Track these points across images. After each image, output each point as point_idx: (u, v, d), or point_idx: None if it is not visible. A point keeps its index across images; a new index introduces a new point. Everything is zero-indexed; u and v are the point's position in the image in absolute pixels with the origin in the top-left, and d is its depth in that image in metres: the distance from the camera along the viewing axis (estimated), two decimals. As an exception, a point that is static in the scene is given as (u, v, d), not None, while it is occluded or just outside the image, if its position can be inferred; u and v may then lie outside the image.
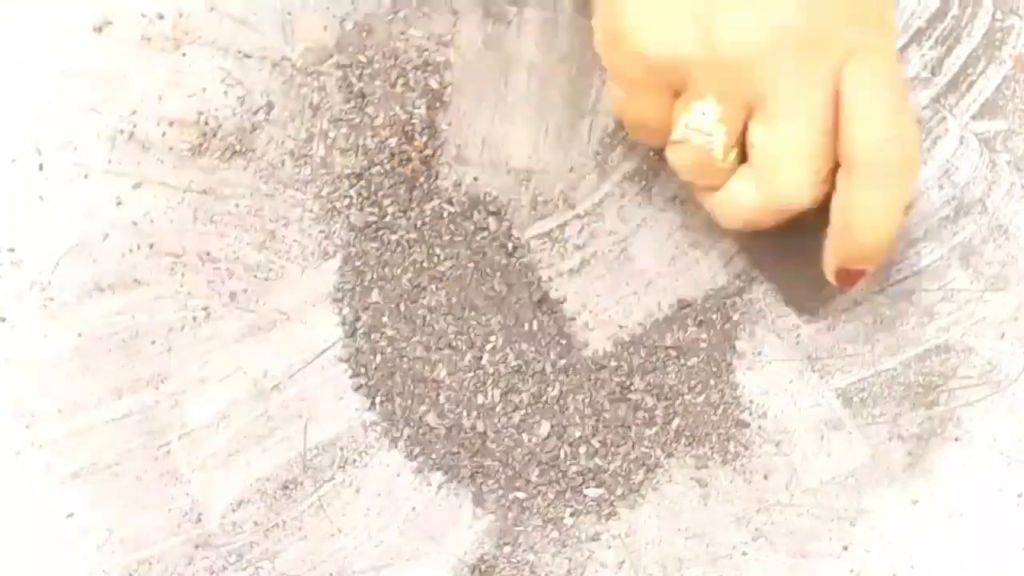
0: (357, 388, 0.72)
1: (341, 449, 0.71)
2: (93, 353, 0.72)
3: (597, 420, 0.71)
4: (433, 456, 0.71)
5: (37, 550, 0.70)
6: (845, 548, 0.69)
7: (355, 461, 0.71)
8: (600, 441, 0.71)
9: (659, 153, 0.75)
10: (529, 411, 0.71)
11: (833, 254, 0.68)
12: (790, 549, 0.69)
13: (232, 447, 0.71)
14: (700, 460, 0.71)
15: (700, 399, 0.71)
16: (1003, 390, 0.72)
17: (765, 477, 0.71)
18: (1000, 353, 0.72)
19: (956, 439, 0.71)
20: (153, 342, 0.73)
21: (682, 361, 0.72)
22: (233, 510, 0.70)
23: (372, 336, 0.72)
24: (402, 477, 0.71)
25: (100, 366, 0.72)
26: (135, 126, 0.76)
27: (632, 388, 0.71)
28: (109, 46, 0.77)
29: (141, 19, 0.77)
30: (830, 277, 0.69)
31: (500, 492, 0.71)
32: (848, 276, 0.68)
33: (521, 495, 0.71)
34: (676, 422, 0.71)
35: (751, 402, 0.72)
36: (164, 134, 0.76)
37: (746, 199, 0.67)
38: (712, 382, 0.72)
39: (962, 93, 0.76)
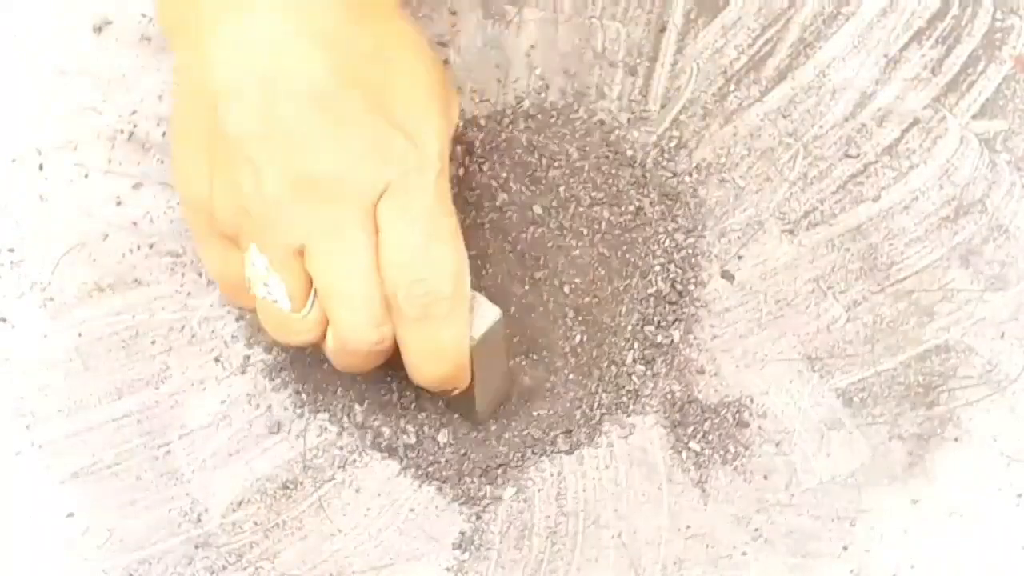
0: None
1: (341, 449, 0.71)
2: (93, 353, 0.72)
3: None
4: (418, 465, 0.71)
5: (37, 550, 0.70)
6: (845, 548, 0.69)
7: (355, 461, 0.71)
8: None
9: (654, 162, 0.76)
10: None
11: (414, 381, 0.67)
12: (790, 549, 0.69)
13: (232, 447, 0.71)
14: (700, 460, 0.71)
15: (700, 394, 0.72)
16: (1003, 390, 0.72)
17: (765, 477, 0.71)
18: (1000, 353, 0.72)
19: (956, 439, 0.71)
20: (153, 342, 0.73)
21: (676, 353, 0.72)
22: (233, 510, 0.70)
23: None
24: (402, 477, 0.71)
25: (100, 366, 0.72)
26: (135, 126, 0.76)
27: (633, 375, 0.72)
28: (109, 46, 0.77)
29: (141, 19, 0.77)
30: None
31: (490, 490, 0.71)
32: (446, 392, 0.68)
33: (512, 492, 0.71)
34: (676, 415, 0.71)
35: (751, 402, 0.72)
36: (164, 134, 0.76)
37: (329, 341, 0.65)
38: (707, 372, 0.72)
39: (962, 93, 0.76)
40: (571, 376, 0.72)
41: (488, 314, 0.67)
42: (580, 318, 0.72)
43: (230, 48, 0.63)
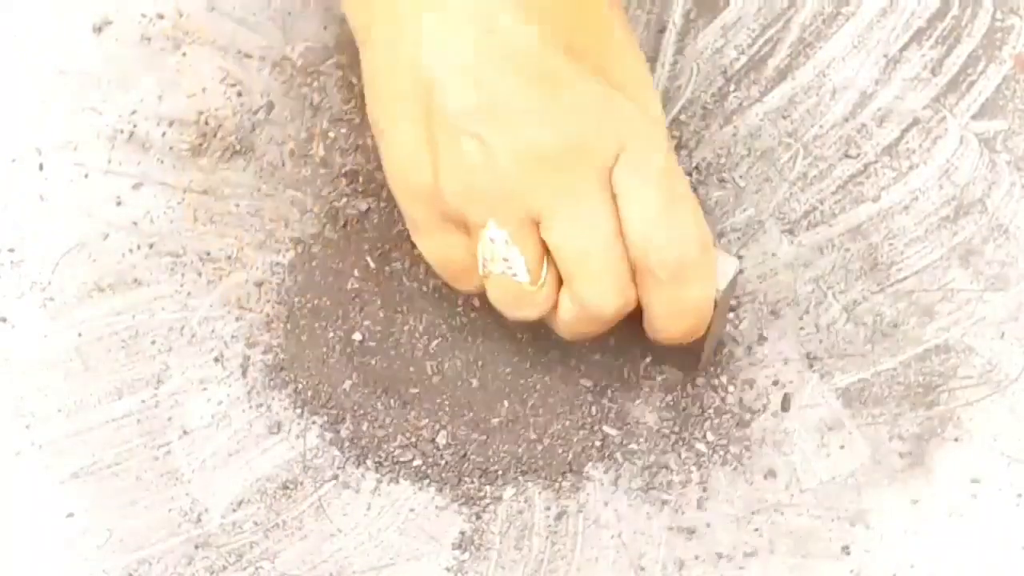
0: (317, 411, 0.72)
1: (341, 449, 0.71)
2: (93, 353, 0.72)
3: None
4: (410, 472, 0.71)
5: (37, 550, 0.70)
6: (845, 548, 0.69)
7: (355, 461, 0.71)
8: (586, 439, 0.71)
9: None
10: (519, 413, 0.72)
11: (647, 333, 0.67)
12: (790, 549, 0.69)
13: (232, 447, 0.71)
14: (700, 460, 0.71)
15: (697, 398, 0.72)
16: (1003, 390, 0.72)
17: (765, 477, 0.71)
18: (1000, 353, 0.72)
19: (956, 439, 0.71)
20: (153, 342, 0.73)
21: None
22: (233, 510, 0.70)
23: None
24: (402, 478, 0.71)
25: (100, 366, 0.72)
26: (135, 126, 0.76)
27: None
28: (109, 46, 0.77)
29: (141, 19, 0.77)
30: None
31: (489, 491, 0.71)
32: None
33: (511, 492, 0.71)
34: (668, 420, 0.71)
35: (752, 401, 0.72)
36: (164, 134, 0.76)
37: (565, 311, 0.65)
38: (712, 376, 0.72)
39: (962, 93, 0.76)
40: (582, 382, 0.72)
41: (728, 266, 0.66)
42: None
43: (439, 24, 0.62)
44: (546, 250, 0.64)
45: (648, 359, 0.72)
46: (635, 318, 0.66)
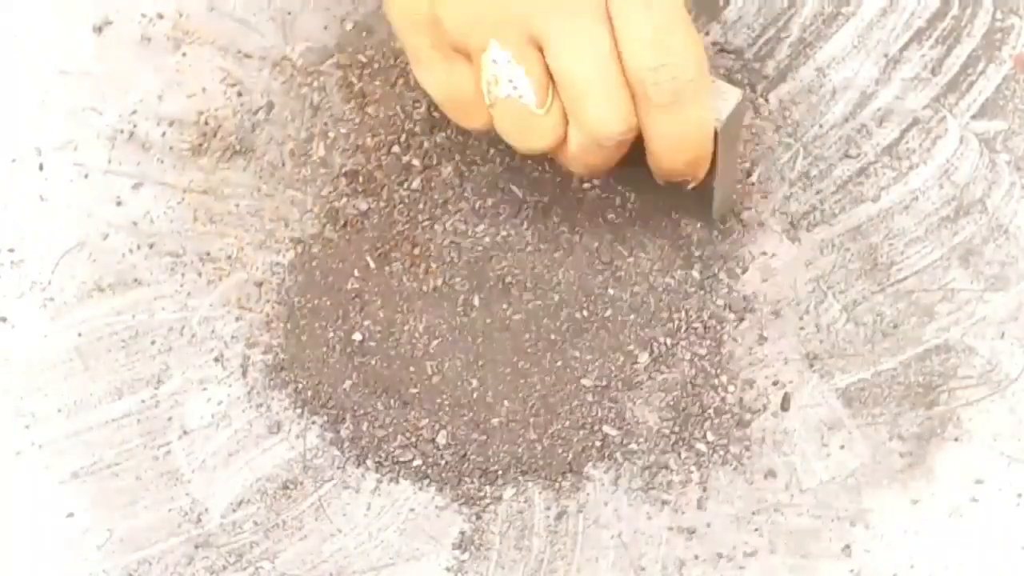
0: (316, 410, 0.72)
1: (341, 449, 0.71)
2: (93, 353, 0.72)
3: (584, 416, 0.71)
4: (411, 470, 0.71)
5: (37, 550, 0.70)
6: (845, 548, 0.69)
7: (355, 461, 0.71)
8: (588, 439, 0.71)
9: None
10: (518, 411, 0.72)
11: (652, 169, 0.67)
12: (790, 549, 0.69)
13: (232, 447, 0.71)
14: (700, 460, 0.71)
15: (698, 394, 0.72)
16: (1003, 390, 0.72)
17: (765, 477, 0.71)
18: (1000, 353, 0.72)
19: (956, 439, 0.71)
20: (153, 342, 0.73)
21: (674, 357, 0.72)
22: (233, 510, 0.70)
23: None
24: (402, 478, 0.71)
25: (100, 366, 0.72)
26: (135, 126, 0.76)
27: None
28: (109, 46, 0.77)
29: (141, 19, 0.77)
30: (660, 182, 0.68)
31: (489, 491, 0.71)
32: (681, 182, 0.68)
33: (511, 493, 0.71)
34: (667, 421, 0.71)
35: (752, 401, 0.72)
36: (164, 134, 0.76)
37: (573, 141, 0.65)
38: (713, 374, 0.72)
39: (962, 93, 0.76)
40: (582, 382, 0.72)
41: (730, 95, 0.66)
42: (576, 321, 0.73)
43: None
44: (552, 84, 0.64)
45: (647, 359, 0.72)
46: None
